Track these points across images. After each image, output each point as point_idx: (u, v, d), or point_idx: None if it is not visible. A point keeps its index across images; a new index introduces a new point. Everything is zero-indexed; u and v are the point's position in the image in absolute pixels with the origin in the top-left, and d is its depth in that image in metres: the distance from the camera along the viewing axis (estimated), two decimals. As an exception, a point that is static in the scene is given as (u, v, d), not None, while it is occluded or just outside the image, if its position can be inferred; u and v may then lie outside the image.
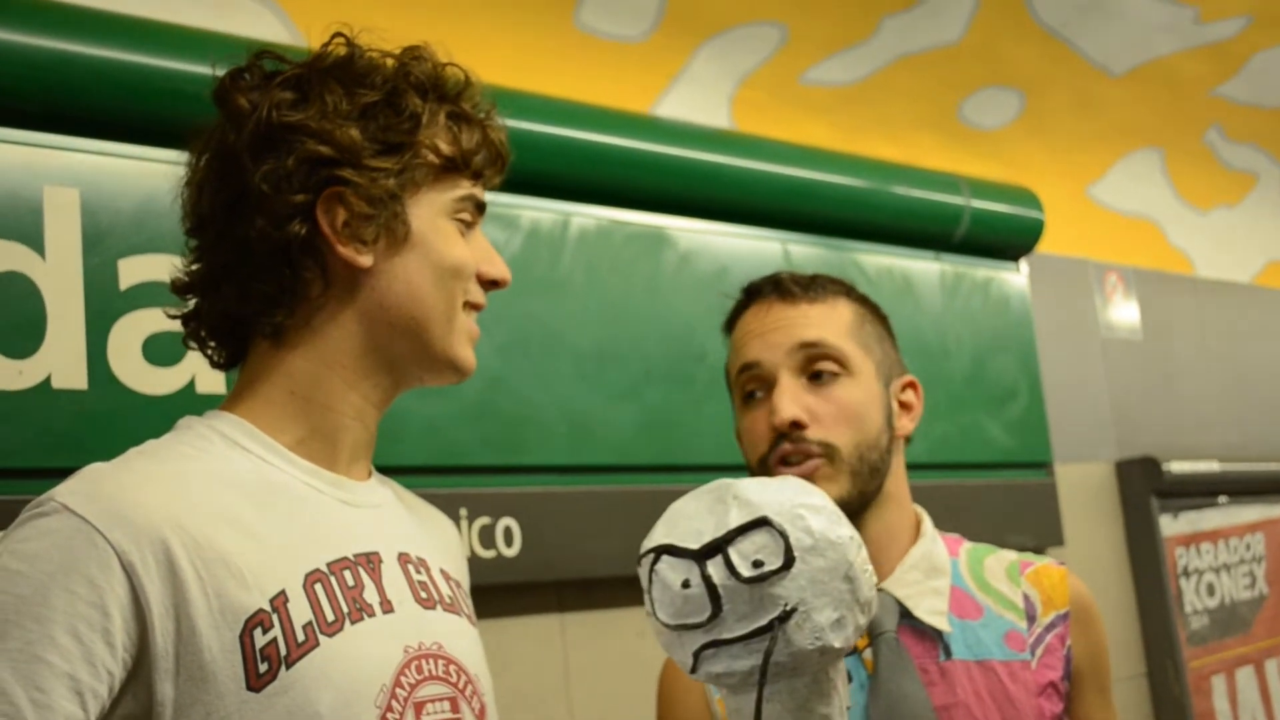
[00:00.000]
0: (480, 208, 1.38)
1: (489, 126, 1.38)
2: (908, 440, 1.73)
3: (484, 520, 2.24)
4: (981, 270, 3.21)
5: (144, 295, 1.95)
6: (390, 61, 1.34)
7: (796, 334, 1.63)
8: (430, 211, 1.32)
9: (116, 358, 1.92)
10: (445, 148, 1.33)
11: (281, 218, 1.26)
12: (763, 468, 1.63)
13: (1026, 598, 1.66)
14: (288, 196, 1.26)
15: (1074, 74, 3.40)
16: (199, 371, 1.98)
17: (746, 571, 1.18)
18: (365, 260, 1.29)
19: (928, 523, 1.72)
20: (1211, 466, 3.73)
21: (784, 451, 1.60)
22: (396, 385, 1.36)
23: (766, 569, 1.17)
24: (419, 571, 1.34)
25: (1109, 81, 3.49)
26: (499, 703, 1.43)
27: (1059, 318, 3.60)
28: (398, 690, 1.22)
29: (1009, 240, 3.27)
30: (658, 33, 2.67)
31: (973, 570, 1.70)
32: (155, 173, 1.98)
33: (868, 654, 1.60)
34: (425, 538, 1.41)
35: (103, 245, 1.94)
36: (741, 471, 2.61)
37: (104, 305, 1.92)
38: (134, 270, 1.95)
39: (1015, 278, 3.30)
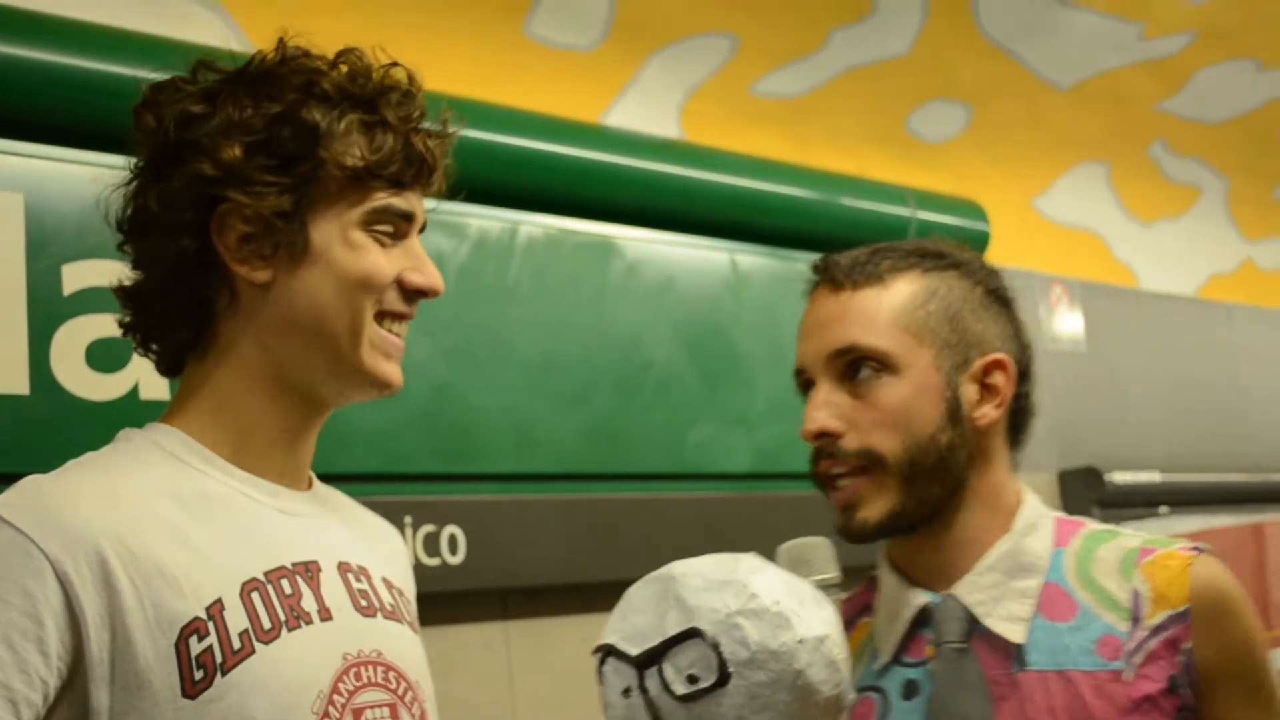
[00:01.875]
0: (407, 217, 1.33)
1: (412, 133, 1.33)
2: (1019, 429, 1.56)
3: (429, 528, 2.25)
4: (928, 281, 3.24)
5: (88, 301, 1.94)
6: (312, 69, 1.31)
7: (831, 337, 1.48)
8: (336, 225, 1.29)
9: (59, 363, 1.91)
10: (352, 160, 1.28)
11: (171, 235, 1.26)
12: (815, 482, 1.51)
13: (1136, 594, 1.45)
14: (177, 215, 1.26)
15: (1021, 88, 3.44)
16: (142, 378, 1.98)
17: (680, 688, 1.12)
18: (262, 276, 1.27)
19: (1026, 512, 1.52)
20: (1153, 477, 3.78)
21: (824, 470, 1.48)
22: (318, 399, 1.33)
23: (700, 686, 1.11)
24: (359, 580, 1.33)
25: (1055, 95, 3.54)
26: (442, 710, 1.42)
27: (1004, 329, 3.63)
28: (335, 697, 1.23)
29: (955, 252, 3.30)
30: (608, 43, 2.68)
31: (1080, 562, 1.50)
32: (100, 178, 1.94)
33: (934, 665, 1.47)
34: (367, 546, 1.40)
35: (46, 250, 1.93)
36: (691, 484, 2.64)
37: (47, 310, 1.91)
38: (78, 276, 1.95)
39: (991, 265, 3.34)
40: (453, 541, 2.28)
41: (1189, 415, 4.26)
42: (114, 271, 1.96)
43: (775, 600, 1.14)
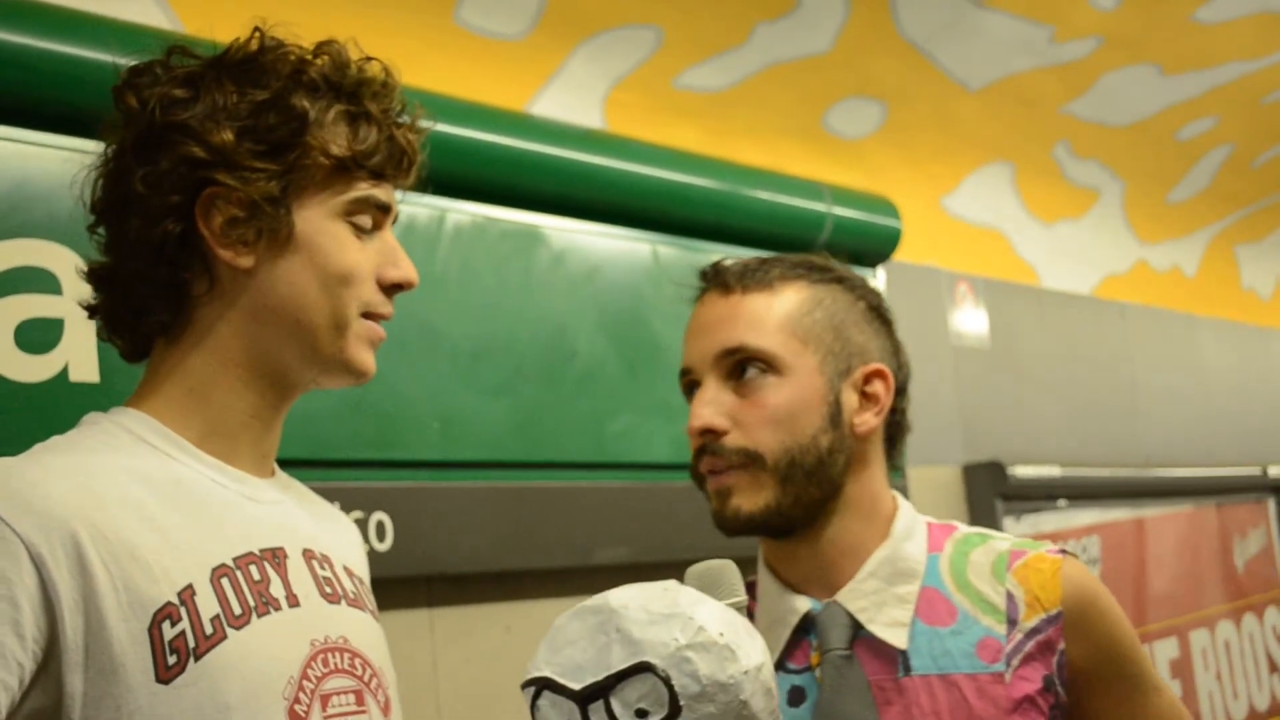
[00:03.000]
0: (384, 209, 1.35)
1: (393, 126, 1.34)
2: (895, 441, 1.61)
3: (356, 514, 2.23)
4: (842, 276, 3.28)
5: (16, 281, 1.91)
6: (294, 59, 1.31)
7: (721, 337, 1.52)
8: (319, 214, 1.29)
9: (-13, 344, 1.88)
10: (337, 148, 1.29)
11: (156, 217, 1.26)
12: (694, 476, 1.55)
13: (1010, 597, 1.50)
14: (162, 197, 1.25)
15: (934, 87, 3.50)
16: (72, 359, 1.94)
17: None
18: (245, 262, 1.27)
19: (902, 519, 1.57)
20: (1052, 471, 3.87)
21: (704, 468, 1.52)
22: (291, 386, 1.34)
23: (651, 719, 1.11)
24: (323, 567, 1.34)
25: (966, 96, 3.60)
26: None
27: (912, 325, 3.68)
28: (304, 683, 1.23)
29: (868, 247, 3.35)
30: (536, 32, 2.68)
31: (955, 566, 1.54)
32: (29, 156, 1.94)
33: (820, 672, 1.50)
34: (328, 535, 1.41)
35: (-27, 229, 1.89)
36: (614, 473, 2.65)
37: (-26, 290, 1.88)
38: (6, 255, 1.91)
39: (872, 285, 3.39)
40: (380, 528, 2.27)
41: (1085, 411, 4.37)
42: (41, 251, 1.95)
43: (720, 633, 1.14)
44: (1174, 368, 4.89)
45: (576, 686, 1.13)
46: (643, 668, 1.11)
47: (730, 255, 2.92)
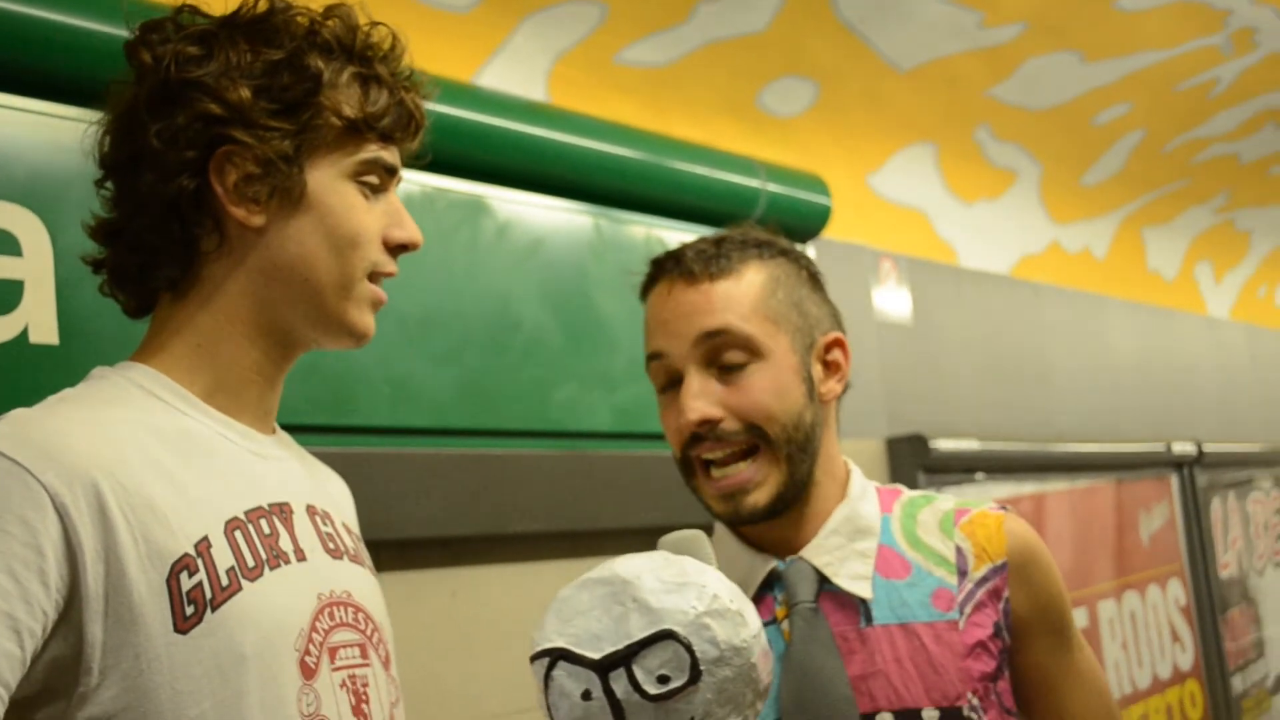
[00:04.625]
0: (391, 171, 1.38)
1: (402, 90, 1.37)
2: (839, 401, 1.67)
3: (309, 479, 2.25)
4: (774, 252, 3.35)
5: (-22, 242, 1.90)
6: (306, 20, 1.34)
7: (699, 322, 1.55)
8: (330, 174, 1.32)
9: (-53, 304, 1.87)
10: (349, 109, 1.32)
11: (171, 173, 1.27)
12: (685, 466, 1.59)
13: (959, 550, 1.60)
14: (178, 152, 1.27)
15: (865, 68, 3.56)
16: (32, 321, 1.94)
17: (652, 688, 1.16)
18: (257, 220, 1.29)
19: (856, 481, 1.65)
20: (972, 445, 3.97)
21: (702, 453, 1.55)
22: (294, 345, 1.37)
23: (673, 685, 1.15)
24: (325, 523, 1.37)
25: (896, 77, 3.67)
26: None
27: (839, 301, 3.74)
28: (313, 635, 1.26)
29: (800, 224, 3.41)
30: (483, 5, 2.70)
31: (905, 526, 1.63)
32: (-11, 115, 1.94)
33: (786, 625, 1.55)
34: (325, 492, 1.44)
35: (-64, 189, 1.88)
36: (557, 441, 2.69)
37: (-65, 250, 1.87)
38: (-32, 216, 1.91)
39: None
40: (332, 493, 2.29)
41: (1002, 388, 4.48)
42: (2, 213, 1.94)
43: (730, 599, 1.21)
44: (1084, 347, 5.03)
45: (596, 656, 1.17)
46: (665, 635, 1.16)
47: (668, 229, 2.99)
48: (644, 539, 2.85)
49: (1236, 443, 5.74)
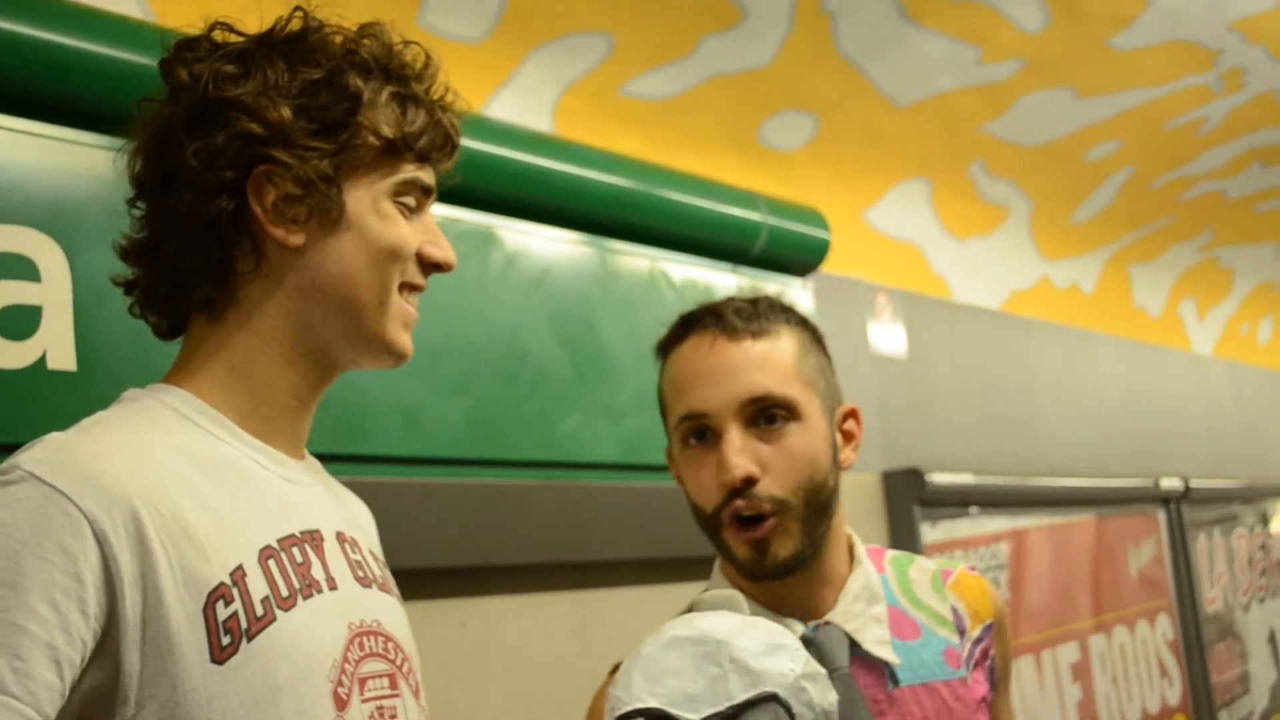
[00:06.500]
0: (427, 191, 1.37)
1: (439, 110, 1.37)
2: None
3: (321, 508, 2.24)
4: (773, 285, 3.35)
5: (-3, 266, 1.89)
6: (341, 39, 1.32)
7: (745, 383, 1.55)
8: (369, 194, 1.30)
9: (-35, 330, 1.86)
10: (387, 129, 1.31)
11: (209, 193, 1.26)
12: (714, 521, 1.58)
13: (955, 611, 1.67)
14: (217, 172, 1.26)
15: (864, 103, 3.59)
16: (50, 347, 1.93)
17: None
18: (296, 240, 1.28)
19: (860, 546, 1.69)
20: (966, 479, 3.98)
21: (736, 508, 1.55)
22: (332, 366, 1.35)
23: None
24: (354, 551, 1.35)
25: (893, 112, 3.70)
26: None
27: (836, 335, 3.77)
28: (345, 665, 1.24)
29: (799, 258, 3.43)
30: (494, 36, 2.71)
31: (901, 585, 1.68)
32: (6, 143, 1.93)
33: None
34: (353, 519, 1.43)
35: (-45, 214, 1.87)
36: (564, 471, 2.68)
37: (-46, 276, 1.86)
38: (-14, 241, 1.89)
39: (802, 294, 3.46)
40: (345, 522, 2.28)
41: (994, 422, 4.49)
42: (20, 238, 1.93)
43: (815, 662, 1.23)
44: (1072, 382, 5.05)
45: (695, 718, 1.17)
46: (767, 698, 1.16)
47: (671, 261, 3.00)
48: (649, 571, 2.85)
49: (1221, 478, 5.77)
